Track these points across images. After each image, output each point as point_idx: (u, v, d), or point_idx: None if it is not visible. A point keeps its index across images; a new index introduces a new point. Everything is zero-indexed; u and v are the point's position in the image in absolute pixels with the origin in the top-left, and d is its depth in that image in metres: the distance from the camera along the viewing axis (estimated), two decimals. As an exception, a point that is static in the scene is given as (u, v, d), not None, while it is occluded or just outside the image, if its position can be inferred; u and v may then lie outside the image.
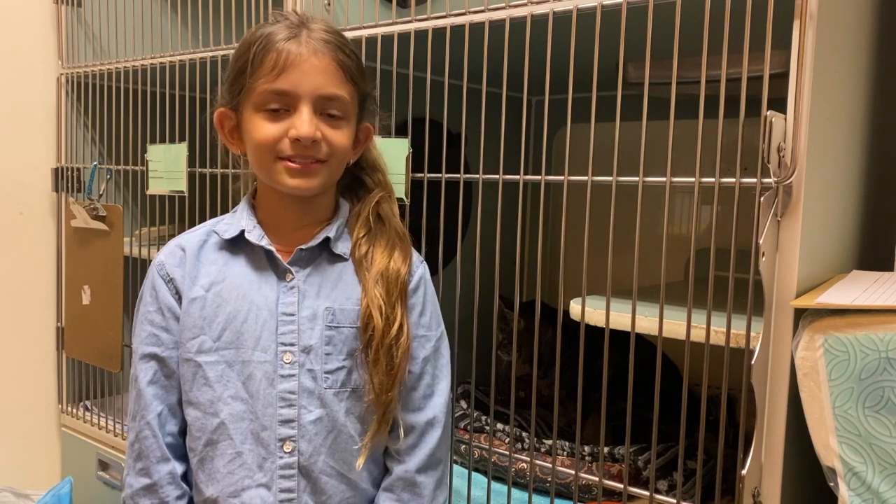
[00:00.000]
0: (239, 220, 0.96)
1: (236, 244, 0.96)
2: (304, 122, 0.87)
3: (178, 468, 0.94)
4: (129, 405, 0.96)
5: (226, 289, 0.93)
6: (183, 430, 0.95)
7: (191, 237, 0.98)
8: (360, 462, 0.93)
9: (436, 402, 0.96)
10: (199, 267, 0.95)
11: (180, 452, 0.95)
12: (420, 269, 0.99)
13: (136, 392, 0.94)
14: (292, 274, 0.93)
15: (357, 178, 1.03)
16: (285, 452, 0.90)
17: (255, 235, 0.94)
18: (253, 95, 0.89)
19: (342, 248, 0.96)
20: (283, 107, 0.89)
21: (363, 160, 1.03)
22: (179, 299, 0.94)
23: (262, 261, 0.95)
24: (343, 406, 0.92)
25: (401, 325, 0.92)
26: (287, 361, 0.91)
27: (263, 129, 0.89)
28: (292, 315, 0.92)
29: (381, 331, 0.91)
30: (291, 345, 0.92)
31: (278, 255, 0.94)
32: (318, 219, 0.97)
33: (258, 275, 0.94)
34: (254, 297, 0.93)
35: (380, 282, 0.93)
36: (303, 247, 0.94)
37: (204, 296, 0.93)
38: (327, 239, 0.95)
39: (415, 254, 1.00)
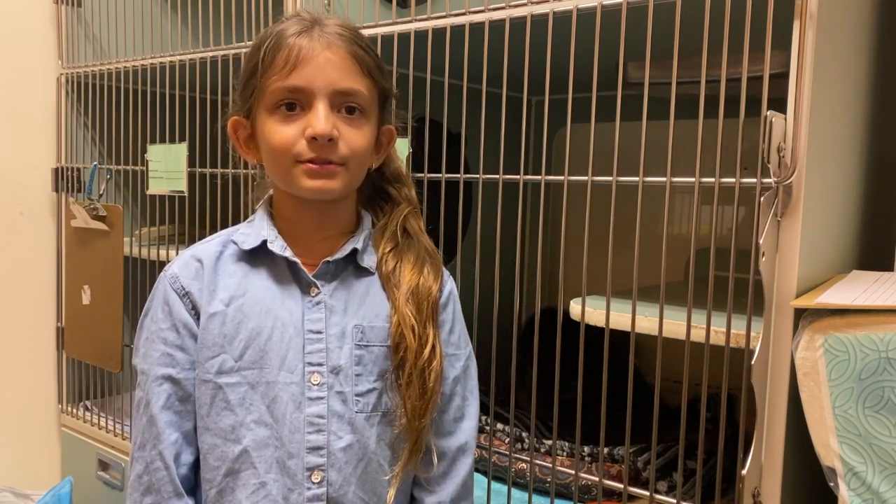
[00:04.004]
0: (258, 229, 0.89)
1: (256, 255, 0.88)
2: (319, 119, 0.81)
3: None
4: (137, 432, 0.86)
5: (247, 303, 0.85)
6: (198, 461, 0.86)
7: (206, 247, 0.90)
8: (391, 494, 0.86)
9: (466, 425, 0.91)
10: (217, 280, 0.87)
11: (192, 485, 0.86)
12: (449, 283, 0.94)
13: (148, 418, 0.84)
14: (318, 288, 0.87)
15: (380, 190, 0.97)
16: (313, 483, 0.83)
17: (278, 246, 0.87)
18: (265, 96, 0.84)
19: (368, 261, 0.90)
20: (297, 105, 0.83)
21: (386, 170, 0.97)
22: (196, 315, 0.86)
23: (285, 273, 0.88)
24: (374, 432, 0.85)
25: (433, 347, 0.86)
26: (315, 383, 0.84)
27: (278, 131, 0.83)
28: (320, 333, 0.85)
29: (415, 352, 0.85)
30: (319, 365, 0.85)
31: (303, 268, 0.87)
32: (341, 230, 0.91)
33: (281, 288, 0.87)
34: (278, 312, 0.85)
35: (411, 300, 0.87)
36: (329, 259, 0.87)
37: (224, 311, 0.85)
38: (354, 251, 0.89)
39: (443, 269, 0.94)
